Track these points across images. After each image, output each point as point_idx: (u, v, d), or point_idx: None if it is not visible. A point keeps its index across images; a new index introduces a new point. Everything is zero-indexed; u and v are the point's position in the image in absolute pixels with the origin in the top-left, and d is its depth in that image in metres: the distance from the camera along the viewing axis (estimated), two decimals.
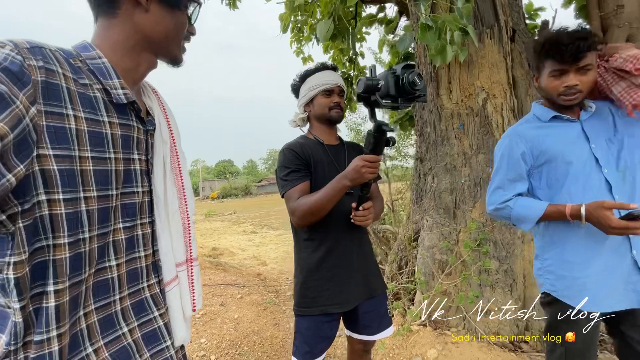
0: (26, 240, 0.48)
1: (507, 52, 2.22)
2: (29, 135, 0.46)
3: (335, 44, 5.00)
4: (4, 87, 0.43)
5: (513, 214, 1.19)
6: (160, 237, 0.69)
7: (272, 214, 16.78)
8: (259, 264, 6.54)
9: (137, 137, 0.64)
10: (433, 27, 1.33)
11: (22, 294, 0.48)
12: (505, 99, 2.18)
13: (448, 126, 2.32)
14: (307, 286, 1.28)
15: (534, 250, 1.32)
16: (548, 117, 1.18)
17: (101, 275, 0.59)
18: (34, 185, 0.48)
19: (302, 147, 1.34)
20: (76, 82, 0.54)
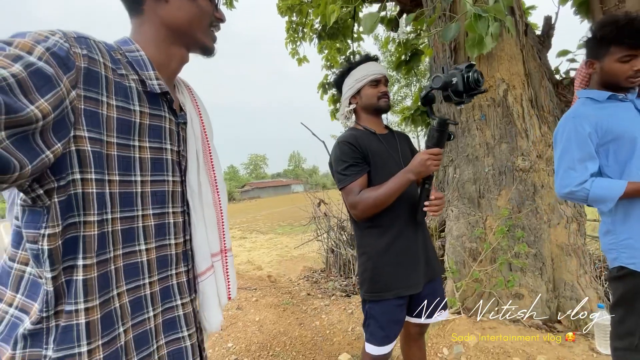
0: (60, 214, 0.51)
1: (523, 45, 2.32)
2: (67, 116, 0.50)
3: (330, 43, 5.05)
4: (51, 70, 0.47)
5: (591, 195, 1.19)
6: (196, 229, 0.72)
7: (259, 219, 16.58)
8: (255, 268, 6.45)
9: (170, 127, 0.67)
10: (484, 17, 1.37)
11: (54, 265, 0.51)
12: (523, 89, 2.27)
13: (469, 118, 2.38)
14: (379, 272, 1.30)
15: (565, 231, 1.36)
16: (604, 97, 1.23)
17: (131, 258, 0.61)
18: (69, 164, 0.51)
19: (357, 139, 1.34)
20: (114, 71, 0.58)
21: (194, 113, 0.76)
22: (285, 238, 9.99)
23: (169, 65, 0.68)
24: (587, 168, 1.21)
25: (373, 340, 1.29)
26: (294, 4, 4.80)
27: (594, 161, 1.22)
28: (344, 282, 4.14)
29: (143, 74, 0.62)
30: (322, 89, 5.31)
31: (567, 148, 1.24)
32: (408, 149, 1.48)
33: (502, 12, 1.37)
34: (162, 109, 0.66)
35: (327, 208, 5.07)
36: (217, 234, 0.78)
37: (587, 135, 1.21)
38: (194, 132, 0.73)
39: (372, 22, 1.43)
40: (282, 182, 59.22)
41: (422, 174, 1.17)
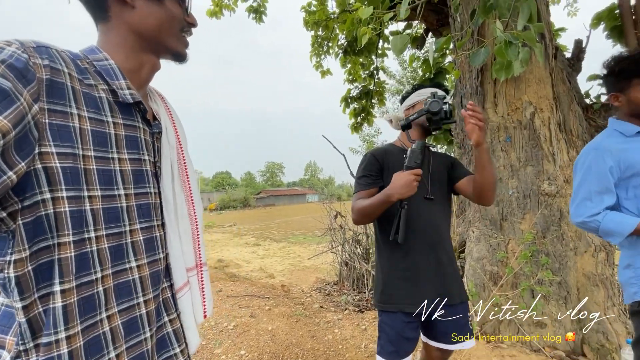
0: (26, 237, 0.47)
1: (552, 68, 2.30)
2: (30, 132, 0.46)
3: (353, 58, 5.13)
4: (8, 84, 0.44)
5: (601, 228, 1.21)
6: (171, 241, 0.68)
7: (272, 227, 16.68)
8: (267, 276, 6.47)
9: (144, 138, 0.64)
10: (514, 44, 1.38)
11: (23, 293, 0.47)
12: (552, 113, 2.24)
13: (494, 139, 2.36)
14: (387, 284, 1.34)
15: (591, 260, 1.33)
16: (633, 131, 1.22)
17: (122, 276, 0.57)
18: (37, 183, 0.47)
19: (383, 154, 1.42)
20: (81, 82, 0.54)
21: (168, 122, 0.73)
22: (299, 247, 10.00)
23: (139, 73, 0.65)
24: (603, 201, 1.22)
25: (383, 353, 1.31)
26: (321, 19, 4.93)
27: (611, 195, 1.22)
28: (357, 297, 4.10)
29: (113, 84, 0.58)
30: (344, 103, 5.38)
31: (586, 178, 1.26)
32: (444, 169, 1.47)
33: (533, 40, 1.38)
34: (136, 119, 0.63)
35: (343, 220, 5.06)
36: (192, 247, 0.74)
37: (608, 169, 1.21)
38: (168, 141, 0.70)
39: (402, 44, 1.47)
40: (297, 191, 59.49)
41: (406, 194, 1.18)
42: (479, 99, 2.40)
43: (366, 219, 1.33)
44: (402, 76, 9.68)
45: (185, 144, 0.79)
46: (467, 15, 2.34)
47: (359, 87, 5.31)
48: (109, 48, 0.62)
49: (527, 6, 1.43)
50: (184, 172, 0.75)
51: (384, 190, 1.22)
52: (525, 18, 1.44)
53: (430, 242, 1.34)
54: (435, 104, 1.23)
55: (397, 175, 1.21)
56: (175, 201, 0.70)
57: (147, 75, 0.67)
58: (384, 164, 1.39)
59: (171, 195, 0.69)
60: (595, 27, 2.74)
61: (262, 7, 4.53)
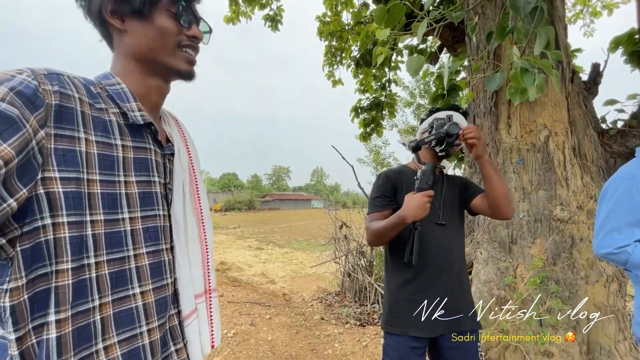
0: (23, 265, 0.46)
1: (569, 92, 2.27)
2: (34, 157, 0.47)
3: (365, 70, 5.15)
4: (15, 111, 0.44)
5: (632, 260, 1.16)
6: (180, 266, 0.66)
7: (276, 231, 16.68)
8: (268, 282, 6.46)
9: (155, 160, 0.64)
10: (530, 71, 1.37)
11: (17, 324, 0.46)
12: (566, 137, 2.21)
13: (506, 160, 2.33)
14: (394, 306, 1.34)
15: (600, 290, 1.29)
16: None
17: (123, 304, 0.55)
18: (38, 209, 0.47)
19: (397, 175, 1.43)
20: (92, 106, 0.55)
21: (181, 144, 0.73)
22: (301, 254, 9.96)
23: (149, 97, 0.65)
24: (635, 234, 1.17)
25: None
26: (335, 30, 4.97)
27: None
28: (359, 310, 4.06)
29: (124, 106, 0.59)
30: (354, 112, 5.39)
31: (617, 209, 1.20)
32: (456, 194, 1.46)
33: (550, 68, 1.37)
34: (147, 141, 0.63)
35: (348, 231, 5.04)
36: (202, 272, 0.72)
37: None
38: (181, 163, 0.70)
39: (418, 65, 1.46)
40: (302, 196, 59.51)
41: (419, 216, 1.17)
42: (492, 119, 2.38)
43: (380, 241, 1.33)
44: (415, 87, 9.68)
45: (198, 166, 0.78)
46: (483, 36, 2.34)
47: (370, 98, 5.32)
48: (120, 74, 0.63)
49: (545, 32, 1.42)
50: (196, 194, 0.75)
51: (398, 213, 1.22)
52: (543, 44, 1.42)
53: (440, 266, 1.33)
54: (454, 126, 1.23)
55: (409, 197, 1.20)
56: (186, 224, 0.68)
57: (156, 99, 0.67)
58: (397, 185, 1.40)
59: (182, 217, 0.67)
60: (613, 51, 2.70)
61: (279, 16, 4.59)
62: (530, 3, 1.33)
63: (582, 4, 5.38)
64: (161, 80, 0.66)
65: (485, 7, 2.29)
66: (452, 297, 1.34)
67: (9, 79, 0.46)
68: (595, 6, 5.27)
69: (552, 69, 1.43)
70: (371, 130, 5.49)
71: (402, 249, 1.31)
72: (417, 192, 1.21)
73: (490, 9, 2.30)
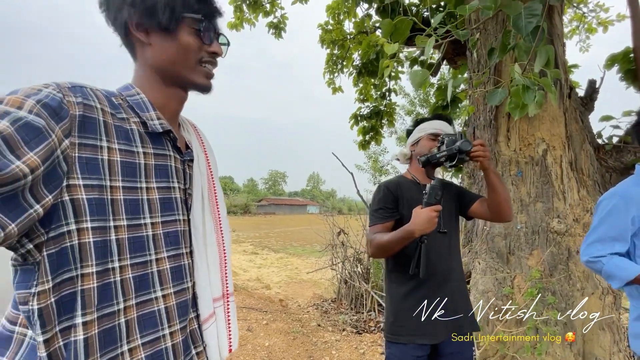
0: (50, 269, 0.48)
1: (566, 107, 2.33)
2: (59, 166, 0.49)
3: (366, 78, 5.22)
4: (42, 122, 0.47)
5: (604, 269, 1.25)
6: (199, 270, 0.67)
7: (272, 236, 16.61)
8: (263, 287, 6.43)
9: (175, 166, 0.66)
10: (531, 88, 1.42)
11: (45, 326, 0.47)
12: (564, 151, 2.26)
13: (504, 172, 2.38)
14: (398, 316, 1.35)
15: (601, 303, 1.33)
16: None
17: (146, 307, 0.57)
18: (63, 215, 0.49)
19: (397, 186, 1.45)
20: (114, 116, 0.57)
21: (200, 150, 0.75)
22: (296, 259, 9.93)
23: (168, 105, 0.67)
24: (614, 247, 1.25)
25: None
26: (338, 39, 5.05)
27: (624, 244, 1.24)
28: (355, 317, 4.06)
29: (144, 116, 0.61)
30: (354, 120, 5.44)
31: (604, 222, 1.28)
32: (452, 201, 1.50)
33: (550, 87, 1.42)
34: (167, 148, 0.65)
35: (346, 237, 5.05)
36: (220, 276, 0.73)
37: (630, 219, 1.23)
38: (199, 169, 0.71)
39: (422, 79, 1.51)
40: (298, 202, 59.42)
41: (427, 230, 1.19)
42: (492, 131, 2.44)
43: (384, 254, 1.35)
44: (415, 97, 9.80)
45: (216, 172, 0.80)
46: (484, 51, 2.40)
47: (370, 107, 5.38)
48: (141, 84, 0.66)
49: (545, 51, 1.47)
50: (214, 199, 0.77)
51: (405, 227, 1.23)
52: (543, 62, 1.48)
53: (442, 273, 1.37)
54: (466, 144, 1.23)
55: (417, 212, 1.22)
56: (205, 228, 0.70)
57: (175, 107, 0.69)
58: (398, 196, 1.42)
59: (200, 222, 0.69)
60: (609, 69, 2.78)
61: (282, 24, 4.65)
62: (531, 22, 1.38)
63: (578, 20, 5.52)
64: (181, 90, 0.69)
65: (487, 24, 2.35)
66: (452, 300, 1.38)
67: (36, 93, 0.49)
68: (590, 23, 5.41)
69: (552, 87, 1.48)
70: (370, 139, 5.54)
71: (405, 260, 1.33)
72: (425, 207, 1.21)
73: (491, 25, 2.37)
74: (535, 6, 1.33)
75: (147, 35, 0.63)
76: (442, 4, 3.25)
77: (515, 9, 1.21)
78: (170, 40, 0.64)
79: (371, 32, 4.71)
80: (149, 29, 0.63)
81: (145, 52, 0.65)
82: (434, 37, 1.30)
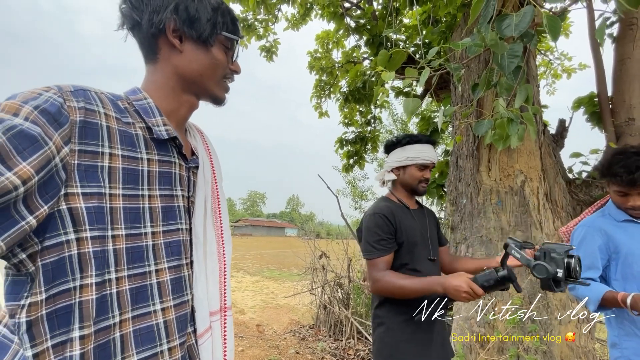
0: (44, 280, 0.46)
1: (541, 142, 2.50)
2: (57, 174, 0.47)
3: (352, 105, 5.40)
4: (38, 129, 0.45)
5: (579, 293, 1.33)
6: (197, 281, 0.65)
7: (247, 258, 16.13)
8: (237, 311, 6.16)
9: (180, 173, 0.65)
10: (516, 121, 1.52)
11: (34, 340, 0.45)
12: (540, 183, 2.40)
13: (486, 200, 2.48)
14: (397, 348, 1.30)
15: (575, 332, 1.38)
16: (621, 219, 1.34)
17: (144, 321, 0.54)
18: (61, 224, 0.47)
19: (393, 213, 1.40)
20: (119, 120, 0.56)
21: (206, 157, 0.74)
22: (273, 283, 9.64)
23: (178, 111, 0.67)
24: (587, 274, 1.33)
25: None
26: (327, 66, 5.24)
27: (595, 270, 1.33)
28: (334, 345, 3.93)
29: (150, 121, 0.60)
30: (339, 144, 5.56)
31: (577, 251, 1.37)
32: (435, 226, 1.54)
33: (532, 120, 1.53)
34: (172, 155, 0.64)
35: (327, 261, 4.99)
36: (219, 288, 0.70)
37: (597, 247, 1.33)
38: (204, 176, 0.70)
39: (414, 107, 1.58)
40: (276, 224, 58.55)
41: (451, 296, 1.13)
42: (474, 161, 2.56)
43: (394, 296, 1.28)
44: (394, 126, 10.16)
45: (221, 180, 0.79)
46: (467, 86, 2.57)
47: (355, 132, 5.54)
48: (152, 88, 0.65)
49: (525, 89, 1.60)
50: (217, 208, 0.75)
51: (438, 281, 1.15)
52: (523, 99, 1.60)
53: (434, 301, 1.35)
54: (541, 269, 0.99)
55: (460, 279, 1.11)
56: (206, 237, 0.68)
57: (185, 114, 0.69)
58: (396, 226, 1.37)
59: (202, 231, 0.67)
60: (576, 110, 3.03)
61: (274, 48, 4.79)
62: (513, 62, 1.51)
63: (545, 66, 6.05)
64: (195, 98, 0.70)
65: (470, 62, 2.54)
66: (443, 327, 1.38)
67: (34, 97, 0.47)
68: (556, 69, 5.94)
69: (532, 121, 1.60)
70: (354, 163, 5.65)
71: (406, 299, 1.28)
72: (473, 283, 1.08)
73: (474, 63, 2.55)
74: (517, 47, 1.46)
75: (181, 42, 0.64)
76: (426, 42, 3.49)
77: (501, 49, 1.32)
78: (204, 52, 0.65)
79: (358, 62, 4.94)
80: (184, 36, 0.64)
81: (173, 57, 0.65)
82: (427, 69, 1.38)
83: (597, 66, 2.69)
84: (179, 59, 0.65)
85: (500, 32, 1.21)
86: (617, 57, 2.56)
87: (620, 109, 2.51)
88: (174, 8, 0.61)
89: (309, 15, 4.54)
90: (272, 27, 4.74)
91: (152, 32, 0.62)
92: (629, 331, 1.26)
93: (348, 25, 4.24)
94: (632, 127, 2.51)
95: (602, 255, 1.32)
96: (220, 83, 0.70)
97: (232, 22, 0.68)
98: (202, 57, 0.65)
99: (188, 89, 0.67)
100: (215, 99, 0.71)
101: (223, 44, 0.68)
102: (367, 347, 3.56)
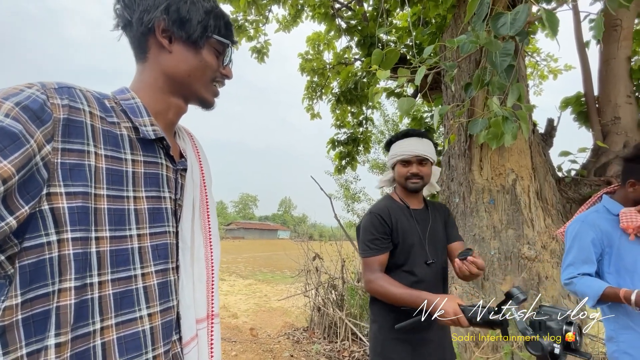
0: (20, 283, 0.44)
1: (531, 141, 2.54)
2: (39, 173, 0.46)
3: (344, 106, 5.41)
4: (19, 126, 0.44)
5: (577, 289, 1.34)
6: (184, 287, 0.62)
7: (240, 261, 15.98)
8: (230, 315, 6.08)
9: (167, 175, 0.63)
10: (511, 119, 1.53)
11: (7, 347, 0.43)
12: (531, 182, 2.43)
13: (478, 199, 2.50)
14: (388, 346, 1.30)
15: None
16: (618, 211, 1.35)
17: (129, 327, 0.52)
18: (43, 225, 0.46)
19: (390, 213, 1.38)
20: (103, 120, 0.54)
21: (195, 160, 0.72)
22: (265, 286, 9.56)
23: (166, 114, 0.66)
24: (583, 268, 1.36)
25: None
26: (319, 68, 5.24)
27: (591, 265, 1.35)
28: (328, 347, 3.91)
29: (137, 121, 0.59)
30: (331, 144, 5.56)
31: (572, 247, 1.41)
32: (442, 225, 1.49)
33: (525, 118, 1.54)
34: (158, 156, 0.62)
35: (320, 263, 4.96)
36: (206, 294, 0.68)
37: (591, 241, 1.35)
38: (193, 179, 0.69)
39: (409, 106, 1.58)
40: (269, 226, 58.24)
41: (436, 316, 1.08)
42: (466, 161, 2.57)
43: (383, 299, 1.29)
44: (385, 127, 10.22)
45: (210, 184, 0.77)
46: (459, 86, 2.59)
47: (347, 133, 5.55)
48: (140, 87, 0.64)
49: (517, 88, 1.61)
50: (205, 211, 0.73)
51: (426, 296, 1.13)
52: (515, 98, 1.61)
53: None
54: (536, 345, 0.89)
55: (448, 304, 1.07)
56: (193, 242, 0.66)
57: (173, 116, 0.68)
58: (392, 226, 1.35)
59: (189, 235, 0.65)
60: (563, 110, 3.09)
61: (265, 49, 4.76)
62: (505, 61, 1.52)
63: (532, 67, 6.17)
64: (182, 102, 0.68)
65: (461, 62, 2.56)
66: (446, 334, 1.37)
67: (16, 94, 0.45)
68: (542, 70, 6.07)
69: (526, 119, 1.62)
70: (346, 164, 5.65)
71: None
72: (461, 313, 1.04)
73: (465, 63, 2.58)
74: (509, 46, 1.47)
75: (170, 42, 0.63)
76: (417, 42, 3.52)
77: (495, 47, 1.33)
78: (194, 54, 0.64)
79: (350, 63, 4.96)
80: (174, 37, 0.63)
81: (162, 57, 0.64)
82: (423, 67, 1.38)
83: (584, 67, 2.74)
84: (167, 59, 0.64)
85: (495, 30, 1.21)
86: (603, 58, 2.62)
87: (606, 108, 2.57)
88: (164, 8, 0.60)
89: (300, 17, 4.54)
90: (262, 28, 4.71)
91: (141, 30, 0.61)
92: (624, 324, 1.27)
93: (339, 26, 4.25)
94: (618, 126, 2.56)
95: (595, 249, 1.34)
96: (209, 86, 0.69)
97: (226, 26, 0.67)
98: (190, 58, 0.64)
99: (176, 90, 0.66)
100: (204, 102, 0.69)
101: (214, 47, 0.67)
102: (362, 349, 3.55)
